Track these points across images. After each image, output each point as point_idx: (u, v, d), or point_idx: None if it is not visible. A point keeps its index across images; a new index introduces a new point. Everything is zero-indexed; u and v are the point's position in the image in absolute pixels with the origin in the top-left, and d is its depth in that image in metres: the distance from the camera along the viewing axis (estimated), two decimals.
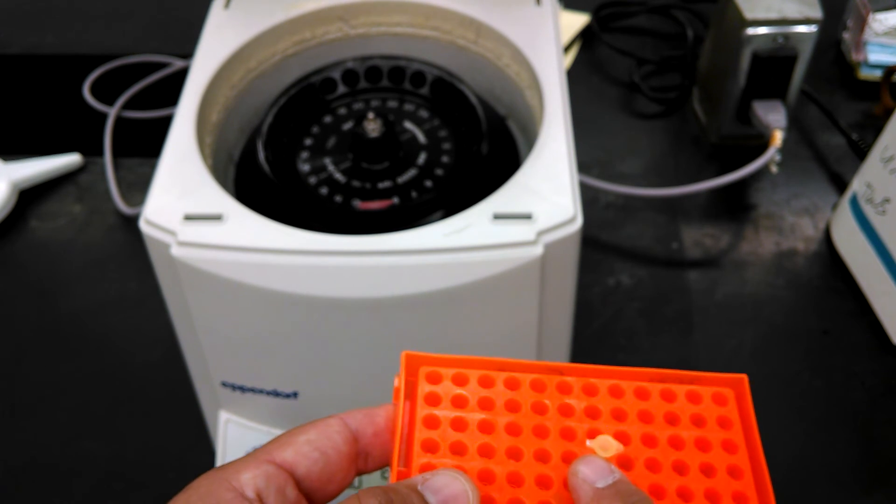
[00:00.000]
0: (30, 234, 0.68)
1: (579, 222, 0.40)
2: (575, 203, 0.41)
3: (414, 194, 0.46)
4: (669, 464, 0.25)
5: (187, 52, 0.69)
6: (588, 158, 0.70)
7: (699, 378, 0.27)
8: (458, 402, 0.26)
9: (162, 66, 0.80)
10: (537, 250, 0.39)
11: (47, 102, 0.79)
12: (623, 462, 0.25)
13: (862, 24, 0.74)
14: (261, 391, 0.46)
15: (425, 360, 0.27)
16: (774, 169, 0.63)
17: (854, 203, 0.60)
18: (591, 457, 0.23)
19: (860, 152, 0.68)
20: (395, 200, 0.46)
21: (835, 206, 0.65)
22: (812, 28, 0.62)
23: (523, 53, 0.49)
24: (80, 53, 0.83)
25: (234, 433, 0.49)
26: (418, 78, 0.52)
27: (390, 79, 0.53)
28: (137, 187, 0.70)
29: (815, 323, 0.60)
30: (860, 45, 0.75)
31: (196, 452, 0.53)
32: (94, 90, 0.78)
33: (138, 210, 0.65)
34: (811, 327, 0.59)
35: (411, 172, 0.48)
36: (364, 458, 0.26)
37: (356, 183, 0.47)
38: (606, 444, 0.24)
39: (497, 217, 0.40)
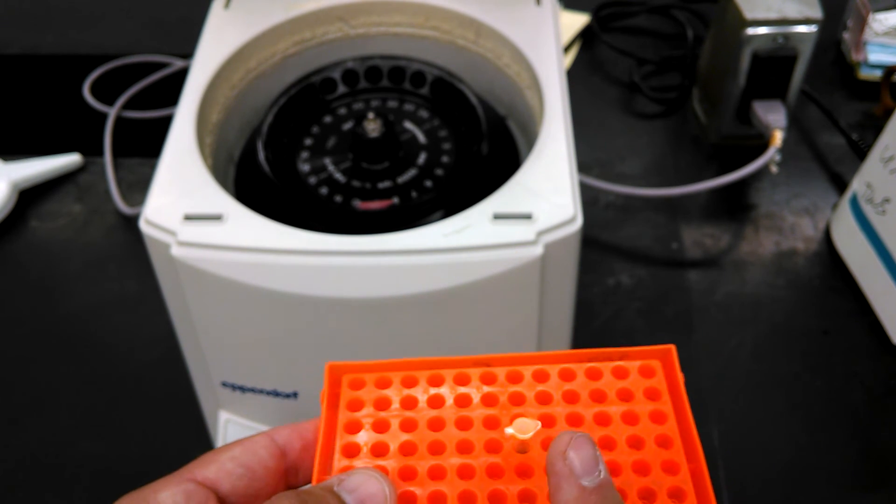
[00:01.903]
0: (30, 234, 0.68)
1: (579, 222, 0.40)
2: (575, 203, 0.41)
3: (414, 194, 0.46)
4: (596, 440, 0.24)
5: (187, 52, 0.69)
6: (588, 158, 0.70)
7: (626, 353, 0.26)
8: (381, 405, 0.26)
9: (162, 66, 0.80)
10: (537, 250, 0.39)
11: (47, 102, 0.79)
12: (548, 444, 0.24)
13: (862, 24, 0.74)
14: (261, 391, 0.46)
15: (348, 368, 0.27)
16: (774, 169, 0.63)
17: (854, 203, 0.60)
18: (582, 438, 0.22)
19: (860, 152, 0.68)
20: (395, 200, 0.46)
21: (835, 206, 0.65)
22: (812, 28, 0.62)
23: (523, 53, 0.49)
24: (80, 53, 0.83)
25: (234, 433, 0.49)
26: (418, 78, 0.52)
27: (390, 79, 0.53)
28: (137, 187, 0.70)
29: (815, 323, 0.60)
30: (860, 45, 0.75)
31: (196, 452, 0.53)
32: (94, 90, 0.78)
33: (138, 210, 0.65)
34: (811, 327, 0.59)
35: (411, 172, 0.48)
36: (294, 473, 0.26)
37: (356, 183, 0.47)
38: (524, 426, 0.23)
39: (497, 217, 0.40)
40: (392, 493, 0.23)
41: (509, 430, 0.24)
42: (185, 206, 0.41)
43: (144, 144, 0.74)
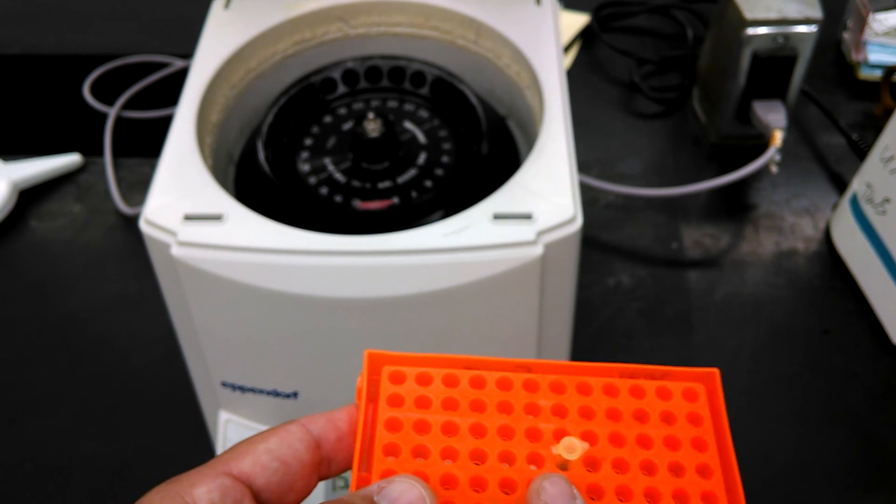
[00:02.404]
0: (30, 234, 0.68)
1: (579, 222, 0.40)
2: (575, 203, 0.41)
3: (414, 194, 0.46)
4: (637, 463, 0.24)
5: (187, 52, 0.69)
6: (588, 158, 0.70)
7: (670, 373, 0.26)
8: (422, 403, 0.25)
9: (162, 66, 0.80)
10: (537, 250, 0.39)
11: (47, 102, 0.79)
12: (590, 462, 0.24)
13: (862, 24, 0.74)
14: (261, 391, 0.46)
15: (389, 359, 0.26)
16: (774, 169, 0.63)
17: (854, 203, 0.60)
18: (556, 477, 0.22)
19: (860, 152, 0.68)
20: (395, 200, 0.46)
21: (835, 206, 0.65)
22: (812, 28, 0.62)
23: (523, 53, 0.49)
24: (80, 53, 0.83)
25: (234, 433, 0.49)
26: (418, 78, 0.52)
27: (390, 79, 0.53)
28: (137, 187, 0.70)
29: (815, 323, 0.60)
30: (860, 45, 0.75)
31: (196, 452, 0.53)
32: (94, 90, 0.78)
33: (138, 210, 0.65)
34: (811, 327, 0.59)
35: (411, 172, 0.48)
36: (327, 464, 0.25)
37: (356, 183, 0.47)
38: (572, 447, 0.23)
39: (497, 217, 0.40)
40: (434, 503, 0.22)
41: (556, 450, 0.23)
42: (185, 206, 0.41)
43: (144, 144, 0.74)
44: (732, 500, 0.24)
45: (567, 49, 0.81)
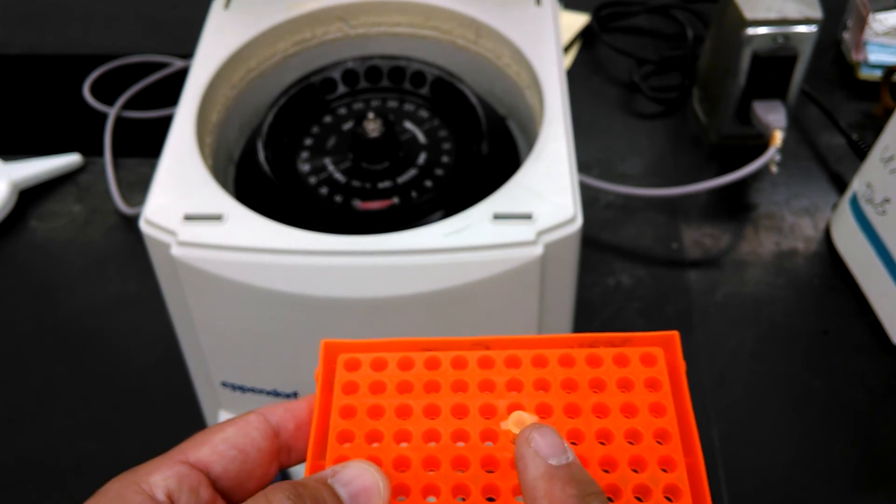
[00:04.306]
0: (30, 234, 0.68)
1: (579, 222, 0.40)
2: (575, 203, 0.41)
3: (414, 194, 0.46)
4: (593, 433, 0.24)
5: (187, 52, 0.69)
6: (588, 158, 0.70)
7: (629, 339, 0.26)
8: (376, 389, 0.25)
9: (162, 66, 0.80)
10: (537, 250, 0.39)
11: (47, 102, 0.79)
12: None
13: (862, 24, 0.74)
14: (261, 391, 0.46)
15: (344, 346, 0.26)
16: (774, 169, 0.63)
17: (854, 203, 0.60)
18: (546, 428, 0.22)
19: (860, 152, 0.68)
20: (395, 200, 0.46)
21: (835, 206, 0.65)
22: (812, 28, 0.62)
23: (523, 53, 0.49)
24: (80, 53, 0.83)
25: None
26: (418, 78, 0.52)
27: (390, 79, 0.53)
28: (137, 187, 0.70)
29: (815, 323, 0.60)
30: (860, 45, 0.75)
31: None
32: (94, 90, 0.78)
33: (138, 210, 0.65)
34: (811, 327, 0.59)
35: (411, 172, 0.48)
36: (287, 453, 0.25)
37: (356, 183, 0.47)
38: (521, 420, 0.23)
39: (497, 217, 0.40)
40: (386, 487, 0.23)
41: (505, 425, 0.23)
42: (185, 206, 0.41)
43: (144, 144, 0.74)
44: (691, 462, 0.23)
45: (567, 49, 0.81)
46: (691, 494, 0.23)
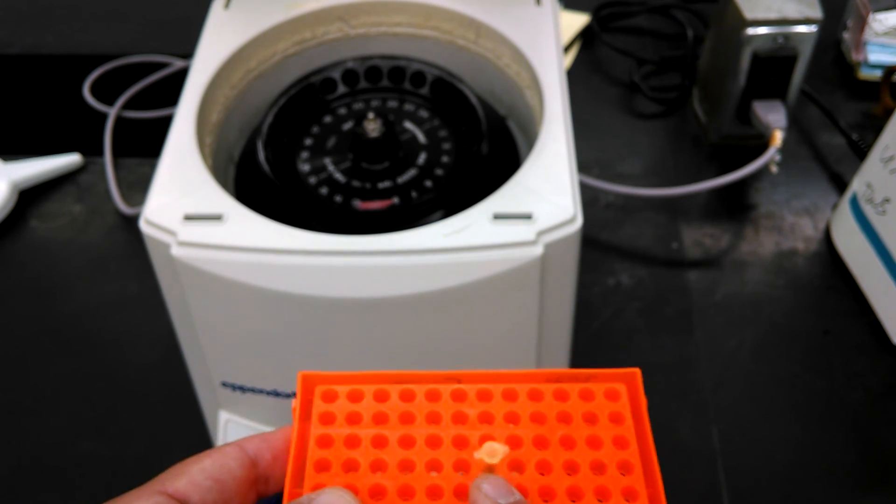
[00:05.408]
0: (30, 234, 0.68)
1: (579, 222, 0.40)
2: (575, 203, 0.41)
3: (414, 194, 0.46)
4: (560, 464, 0.25)
5: (187, 52, 0.69)
6: (588, 158, 0.70)
7: (594, 375, 0.27)
8: (353, 419, 0.26)
9: (162, 66, 0.80)
10: (537, 250, 0.39)
11: (47, 102, 0.79)
12: (515, 465, 0.25)
13: (862, 24, 0.74)
14: (261, 391, 0.46)
15: (321, 378, 0.27)
16: (774, 169, 0.63)
17: (854, 203, 0.60)
18: (494, 476, 0.24)
19: (860, 152, 0.68)
20: (395, 200, 0.46)
21: (835, 206, 0.65)
22: (812, 28, 0.62)
23: (523, 53, 0.49)
24: (80, 53, 0.83)
25: (234, 433, 0.49)
26: (418, 78, 0.52)
27: (390, 79, 0.53)
28: (137, 187, 0.70)
29: (815, 323, 0.60)
30: (860, 45, 0.75)
31: (196, 452, 0.53)
32: (94, 90, 0.78)
33: (138, 210, 0.65)
34: (811, 327, 0.59)
35: (411, 172, 0.48)
36: (265, 482, 0.26)
37: (356, 183, 0.47)
38: (493, 451, 0.24)
39: (497, 217, 0.40)
40: None
41: (478, 455, 0.24)
42: (185, 206, 0.41)
43: (144, 144, 0.74)
44: (652, 493, 0.24)
45: (567, 49, 0.81)
46: None
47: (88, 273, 0.65)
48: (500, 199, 0.41)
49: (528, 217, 0.40)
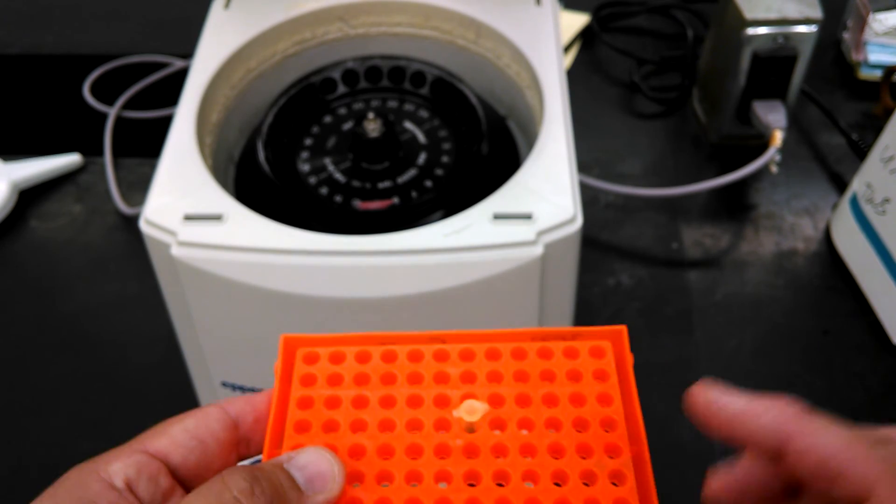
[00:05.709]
0: (30, 234, 0.68)
1: (579, 222, 0.40)
2: (575, 203, 0.41)
3: (414, 194, 0.46)
4: (542, 421, 0.24)
5: (187, 52, 0.69)
6: (588, 158, 0.70)
7: (579, 333, 0.26)
8: (334, 381, 0.26)
9: (162, 66, 0.80)
10: (537, 250, 0.39)
11: (47, 102, 0.79)
12: (497, 423, 0.24)
13: (862, 24, 0.74)
14: (261, 391, 0.46)
15: (303, 340, 0.27)
16: (774, 169, 0.63)
17: (854, 203, 0.60)
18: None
19: (860, 152, 0.68)
20: (395, 200, 0.46)
21: (835, 206, 0.65)
22: (812, 28, 0.62)
23: (523, 53, 0.49)
24: (80, 53, 0.83)
25: None
26: (418, 78, 0.52)
27: (390, 79, 0.53)
28: (137, 187, 0.70)
29: (815, 323, 0.60)
30: (860, 45, 0.75)
31: None
32: (94, 90, 0.78)
33: (138, 210, 0.65)
34: (811, 327, 0.59)
35: (411, 172, 0.48)
36: (246, 444, 0.26)
37: (356, 183, 0.47)
38: (472, 409, 0.24)
39: (497, 217, 0.40)
40: (341, 472, 0.23)
41: (457, 413, 0.24)
42: (185, 206, 0.41)
43: (144, 144, 0.74)
44: (636, 450, 0.24)
45: (567, 49, 0.81)
46: (636, 480, 0.23)
47: (88, 273, 0.65)
48: (500, 199, 0.41)
49: (528, 217, 0.40)
